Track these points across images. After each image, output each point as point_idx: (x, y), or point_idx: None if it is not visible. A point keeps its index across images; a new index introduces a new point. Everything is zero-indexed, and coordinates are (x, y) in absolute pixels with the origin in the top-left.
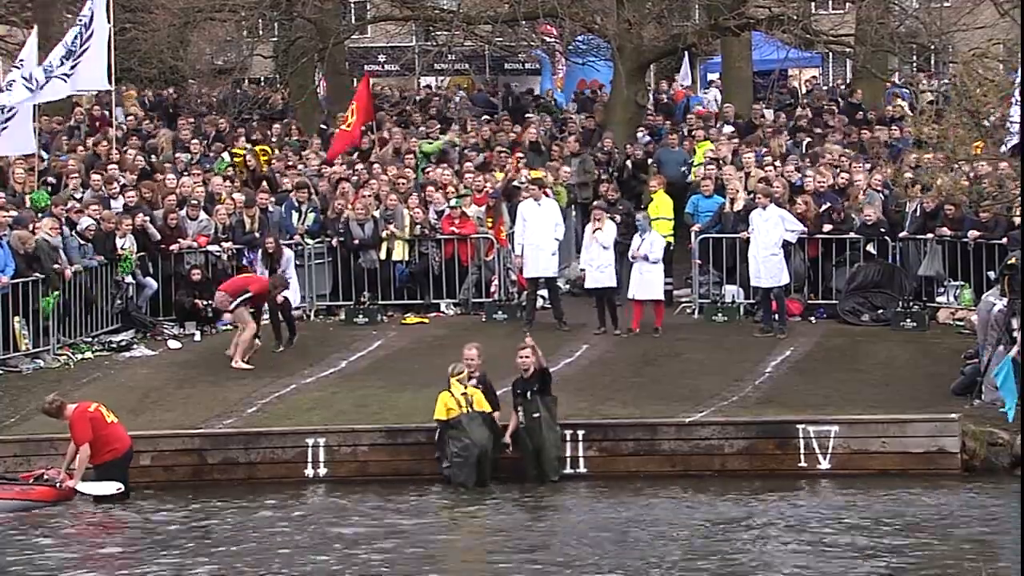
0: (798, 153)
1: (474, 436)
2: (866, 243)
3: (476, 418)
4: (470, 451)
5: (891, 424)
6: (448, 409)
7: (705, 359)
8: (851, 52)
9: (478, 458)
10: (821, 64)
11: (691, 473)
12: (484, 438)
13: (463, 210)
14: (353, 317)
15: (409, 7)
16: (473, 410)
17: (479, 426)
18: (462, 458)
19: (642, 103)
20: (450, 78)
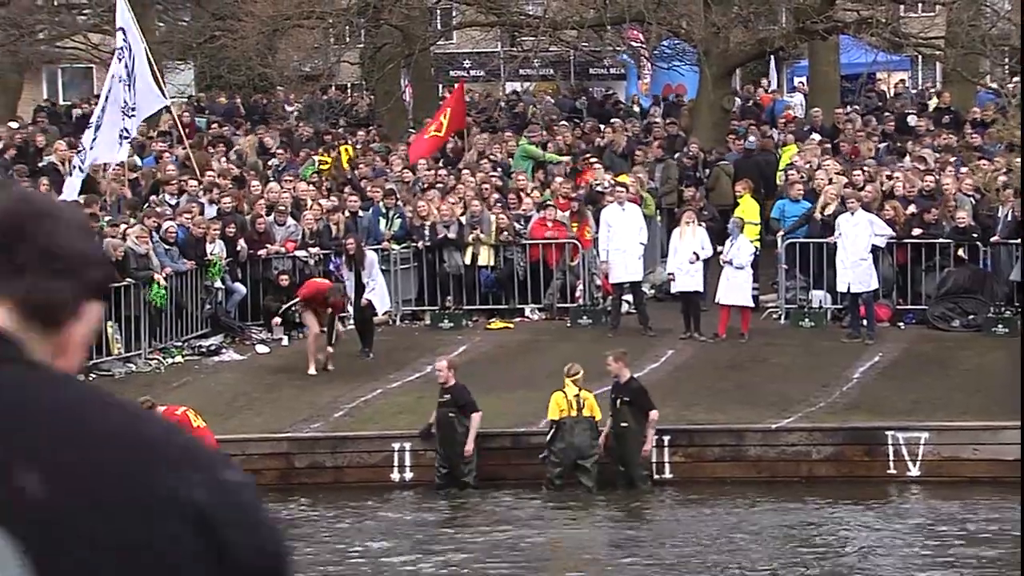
0: (889, 159)
1: (576, 440)
2: (957, 248)
3: (582, 423)
4: (567, 454)
5: (983, 431)
6: (560, 410)
7: (792, 365)
8: (941, 55)
9: (574, 462)
10: (910, 67)
11: (778, 479)
12: (585, 444)
13: (557, 216)
14: (438, 322)
15: (495, 13)
16: (580, 414)
17: (582, 431)
18: (558, 459)
19: (728, 108)
20: (535, 83)
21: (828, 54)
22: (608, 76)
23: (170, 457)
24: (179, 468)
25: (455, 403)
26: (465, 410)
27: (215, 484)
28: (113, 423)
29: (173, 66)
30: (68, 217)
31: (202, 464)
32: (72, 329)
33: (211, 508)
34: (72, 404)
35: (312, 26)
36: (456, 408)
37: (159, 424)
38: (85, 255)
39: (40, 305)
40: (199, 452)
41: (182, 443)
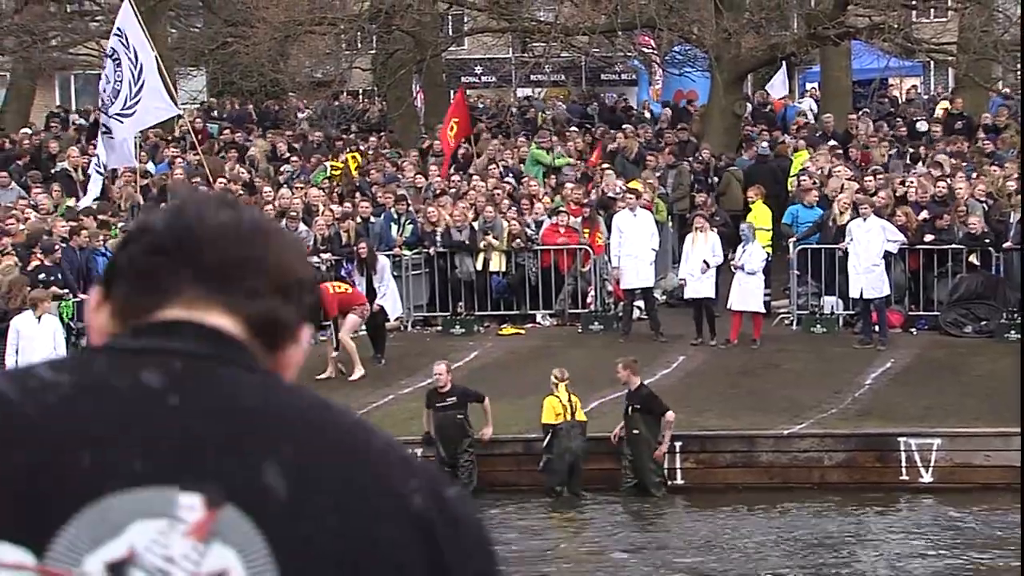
0: (899, 163)
1: (572, 445)
2: (969, 254)
3: (576, 427)
4: (564, 459)
5: (995, 437)
6: (556, 414)
7: (804, 371)
8: (953, 60)
9: (571, 466)
10: (922, 73)
11: (790, 486)
12: (580, 448)
13: (569, 221)
14: (450, 328)
15: (506, 19)
16: (574, 419)
17: (577, 435)
18: (557, 466)
19: (740, 113)
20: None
21: (840, 60)
22: (619, 82)
23: (399, 467)
24: (407, 479)
25: (463, 402)
26: (476, 401)
27: (438, 498)
28: (345, 430)
29: (185, 72)
30: (291, 240)
31: (426, 478)
32: (291, 351)
33: (433, 520)
34: (307, 409)
35: (324, 32)
36: (464, 407)
37: (382, 435)
38: (305, 279)
39: (269, 326)
40: (422, 466)
41: (406, 456)
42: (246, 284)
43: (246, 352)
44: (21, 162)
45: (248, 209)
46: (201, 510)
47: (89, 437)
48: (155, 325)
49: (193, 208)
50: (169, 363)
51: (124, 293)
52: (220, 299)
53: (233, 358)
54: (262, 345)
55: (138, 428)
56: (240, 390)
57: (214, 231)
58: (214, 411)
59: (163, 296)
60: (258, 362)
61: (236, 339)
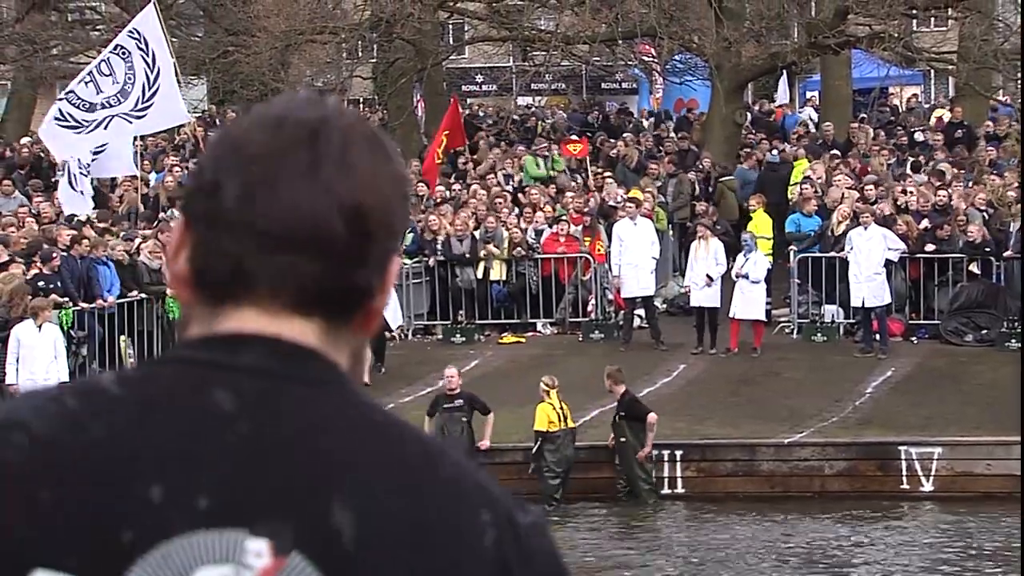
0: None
1: (568, 452)
2: (969, 262)
3: (569, 434)
4: (561, 466)
5: (996, 446)
6: (550, 422)
7: (804, 379)
8: (953, 69)
9: (566, 473)
10: (923, 82)
11: (790, 494)
12: (572, 455)
13: (569, 230)
14: (450, 336)
15: (507, 28)
16: (567, 426)
17: (570, 443)
18: (554, 472)
19: (740, 122)
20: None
21: (840, 69)
22: (620, 90)
23: (472, 499)
24: (480, 510)
25: (470, 408)
26: (482, 411)
27: (513, 530)
28: (415, 458)
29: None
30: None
31: (502, 506)
32: (375, 306)
33: (507, 557)
34: (378, 437)
35: (325, 41)
36: (470, 412)
37: (451, 458)
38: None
39: (345, 298)
40: (498, 493)
41: (479, 482)
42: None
43: (320, 363)
44: (22, 171)
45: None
46: (268, 557)
47: (159, 468)
48: (226, 338)
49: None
50: (240, 382)
51: (197, 255)
52: (291, 295)
53: (306, 375)
54: (338, 320)
55: (208, 459)
56: (312, 416)
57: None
58: (284, 442)
59: (231, 292)
60: (332, 371)
61: (310, 350)
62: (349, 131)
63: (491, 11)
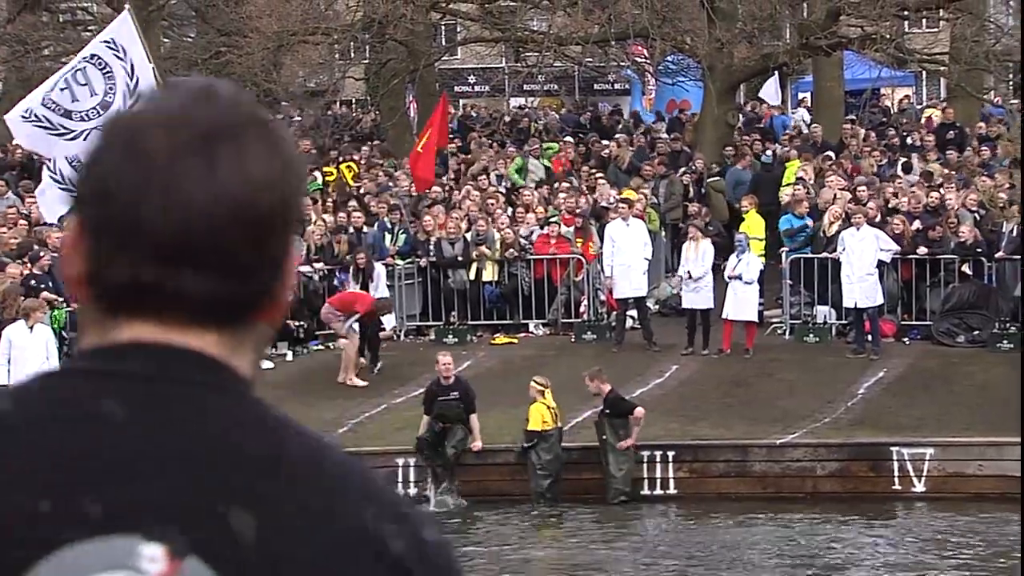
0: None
1: (559, 451)
2: (961, 263)
3: (557, 434)
4: (554, 465)
5: (988, 447)
6: (544, 421)
7: (796, 380)
8: (945, 71)
9: (558, 472)
10: (915, 83)
11: (783, 495)
12: (562, 454)
13: (560, 231)
14: (443, 337)
15: (499, 28)
16: (557, 425)
17: (558, 442)
18: (547, 471)
19: (732, 123)
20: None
21: (832, 70)
22: (612, 91)
23: (379, 508)
24: (386, 522)
25: (465, 399)
26: (469, 410)
27: (419, 543)
28: (318, 464)
29: None
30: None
31: (408, 521)
32: (274, 306)
33: (412, 563)
34: (278, 441)
35: (317, 42)
36: (465, 405)
37: (356, 468)
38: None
39: (238, 307)
40: (405, 507)
41: (387, 495)
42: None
43: (213, 367)
44: (14, 171)
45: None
46: (163, 562)
47: (48, 481)
48: (117, 347)
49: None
50: (130, 389)
51: (91, 262)
52: (188, 309)
53: (198, 380)
54: (237, 324)
55: (99, 468)
56: (204, 421)
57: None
58: (177, 447)
59: (125, 303)
60: (226, 375)
61: (203, 355)
62: (244, 128)
63: (484, 12)
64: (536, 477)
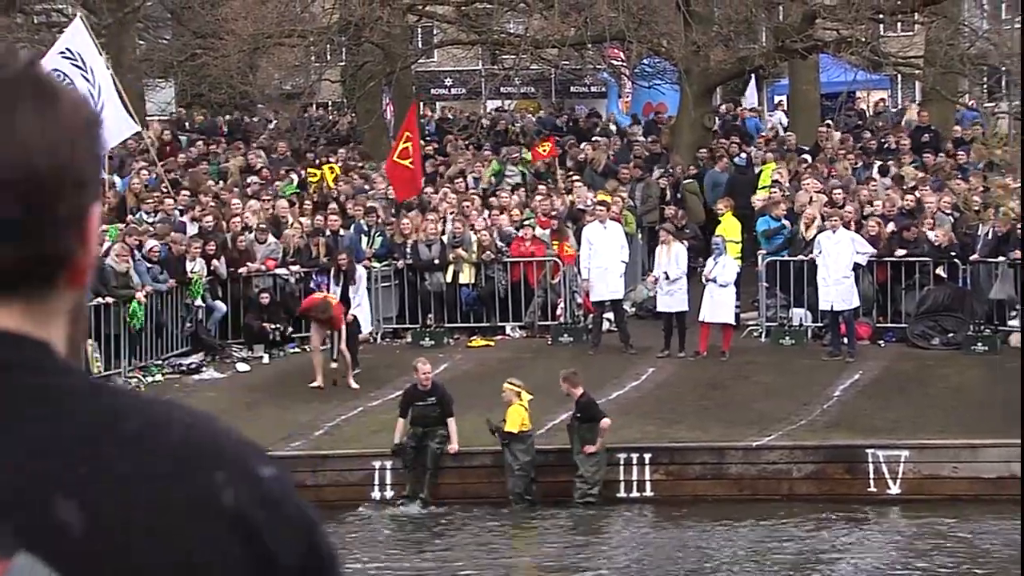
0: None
1: (534, 453)
2: (936, 266)
3: (532, 436)
4: (530, 467)
5: (963, 449)
6: (522, 423)
7: (772, 383)
8: (920, 74)
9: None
10: (890, 86)
11: (758, 498)
12: (536, 456)
13: (535, 233)
14: (419, 340)
15: (476, 31)
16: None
17: (534, 444)
18: (524, 472)
19: (709, 126)
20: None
21: (808, 73)
22: (589, 94)
23: (205, 462)
24: (214, 472)
25: (442, 403)
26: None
27: (251, 484)
28: (141, 433)
29: (154, 84)
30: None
31: (239, 462)
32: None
33: (247, 514)
34: (100, 414)
35: (293, 44)
36: (441, 408)
37: (181, 423)
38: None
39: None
40: (233, 449)
41: (214, 442)
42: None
43: (23, 345)
44: None
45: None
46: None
47: None
48: None
49: None
50: None
51: None
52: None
53: (17, 360)
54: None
55: None
56: (21, 406)
57: None
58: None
59: None
60: (40, 352)
61: (10, 334)
62: (12, 86)
63: (460, 15)
64: (515, 479)
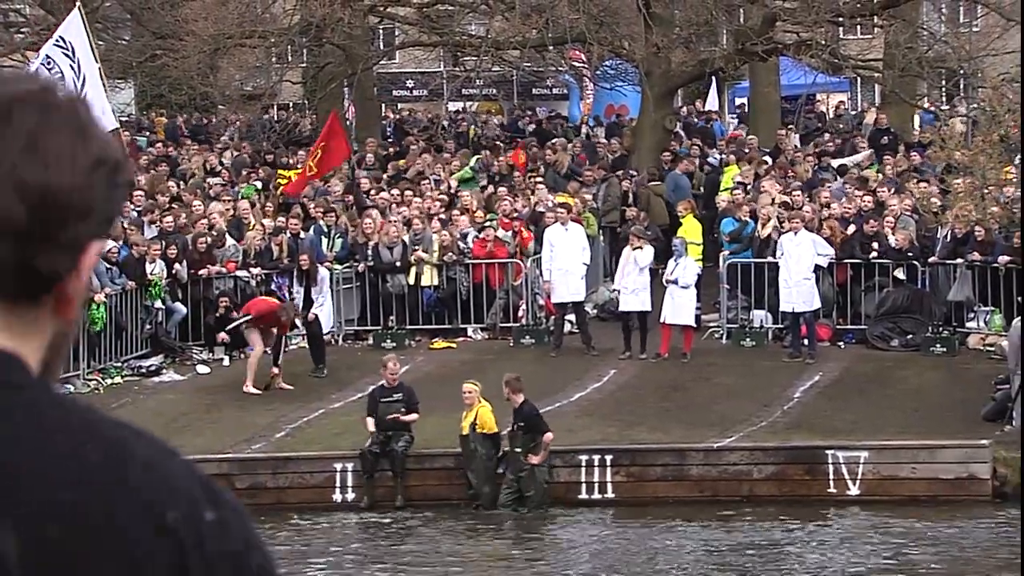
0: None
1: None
2: (895, 268)
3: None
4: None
5: (921, 450)
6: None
7: (733, 384)
8: (879, 77)
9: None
10: (849, 89)
11: (719, 499)
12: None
13: (496, 235)
14: (381, 342)
15: (437, 33)
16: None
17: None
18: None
19: (670, 128)
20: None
21: (768, 75)
22: (551, 96)
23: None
24: (166, 513)
25: (408, 401)
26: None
27: (198, 527)
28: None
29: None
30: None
31: (188, 505)
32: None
33: (191, 553)
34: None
35: (254, 45)
36: (408, 405)
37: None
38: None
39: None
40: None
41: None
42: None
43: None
44: None
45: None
46: None
47: None
48: None
49: None
50: None
51: None
52: None
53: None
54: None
55: None
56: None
57: None
58: None
59: None
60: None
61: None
62: (48, 110)
63: (421, 16)
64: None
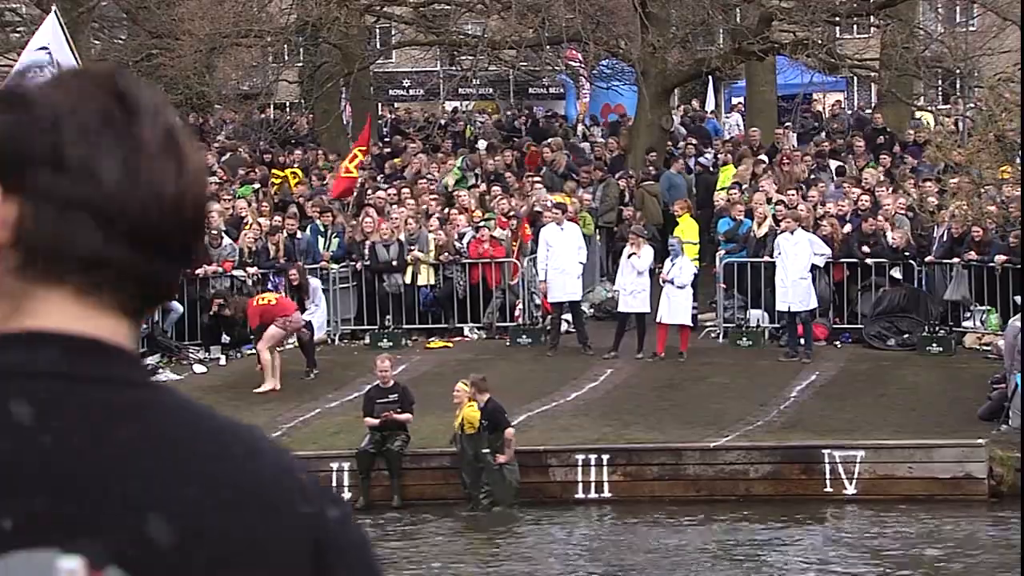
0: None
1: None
2: (891, 267)
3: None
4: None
5: (917, 449)
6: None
7: (730, 384)
8: (876, 76)
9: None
10: (846, 88)
11: (716, 498)
12: None
13: (492, 234)
14: (377, 341)
15: (434, 32)
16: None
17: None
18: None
19: (666, 127)
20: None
21: (765, 75)
22: (547, 95)
23: (290, 497)
24: (299, 509)
25: (404, 401)
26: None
27: (327, 521)
28: (235, 457)
29: None
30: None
31: (315, 500)
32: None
33: (326, 545)
34: (191, 437)
35: (250, 44)
36: (404, 406)
37: (271, 457)
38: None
39: (152, 294)
40: (311, 488)
41: (298, 482)
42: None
43: (125, 361)
44: None
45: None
46: (83, 574)
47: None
48: (26, 337)
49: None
50: (38, 389)
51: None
52: (118, 292)
53: (111, 377)
54: (144, 313)
55: (10, 477)
56: (118, 420)
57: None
58: (90, 451)
59: (54, 278)
60: (137, 369)
61: (114, 347)
62: (180, 127)
63: (418, 16)
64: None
